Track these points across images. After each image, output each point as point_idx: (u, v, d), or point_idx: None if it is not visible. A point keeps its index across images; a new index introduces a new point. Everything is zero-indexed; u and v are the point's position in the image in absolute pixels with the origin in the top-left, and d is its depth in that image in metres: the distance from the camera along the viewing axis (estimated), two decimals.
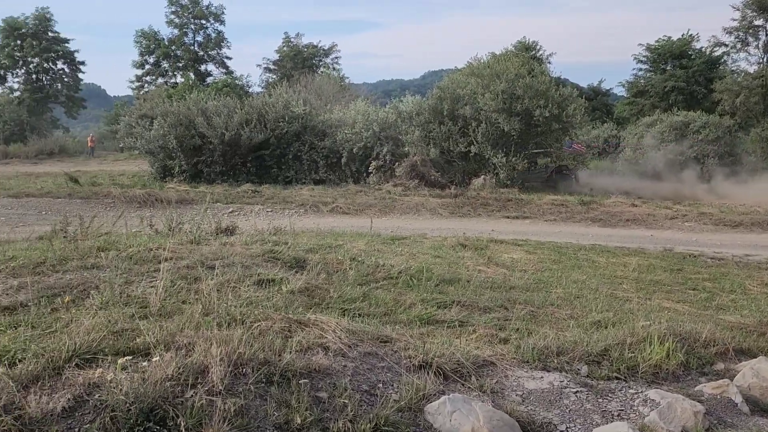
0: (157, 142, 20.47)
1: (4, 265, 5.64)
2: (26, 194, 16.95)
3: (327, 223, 13.72)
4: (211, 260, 5.98)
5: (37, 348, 3.29)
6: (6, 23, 47.75)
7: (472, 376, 3.76)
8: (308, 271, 6.01)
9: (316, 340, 3.84)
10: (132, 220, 10.76)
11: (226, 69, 52.11)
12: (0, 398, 2.76)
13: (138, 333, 3.65)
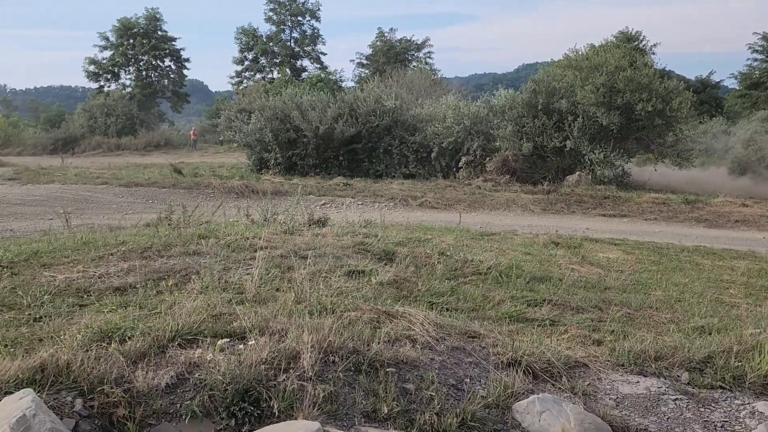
0: (254, 135, 21.24)
1: (116, 249, 6.05)
2: (135, 184, 18.04)
3: (416, 217, 13.75)
4: (303, 250, 6.14)
5: (144, 327, 3.51)
6: (120, 23, 51.10)
7: (563, 377, 3.65)
8: (397, 264, 6.05)
9: (403, 332, 3.86)
10: (230, 209, 11.24)
11: (321, 64, 53.31)
12: (112, 372, 2.97)
13: (235, 317, 3.81)
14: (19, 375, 2.87)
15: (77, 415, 2.78)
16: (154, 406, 2.89)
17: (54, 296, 4.55)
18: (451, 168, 20.30)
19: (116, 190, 17.24)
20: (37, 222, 11.69)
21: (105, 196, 16.27)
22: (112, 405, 2.85)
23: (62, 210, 11.29)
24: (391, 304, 4.51)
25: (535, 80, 19.96)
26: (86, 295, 4.65)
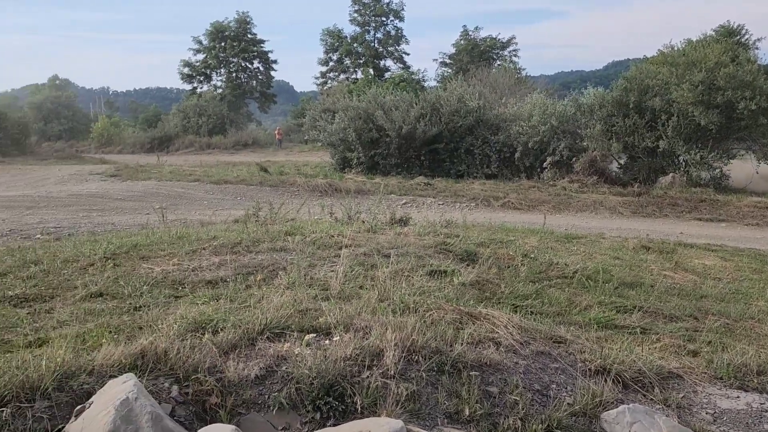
0: (338, 135, 21.60)
1: (208, 244, 6.33)
2: (225, 181, 18.77)
3: (498, 217, 13.55)
4: (386, 249, 6.19)
5: (235, 320, 3.65)
6: (213, 27, 53.35)
7: (655, 388, 3.50)
8: (479, 265, 5.99)
9: (487, 334, 3.82)
10: (314, 207, 11.48)
11: (404, 64, 53.52)
12: (205, 361, 3.10)
13: (320, 313, 3.89)
14: (122, 360, 3.05)
15: (173, 400, 2.92)
16: (243, 396, 2.99)
17: (152, 287, 4.81)
18: (535, 168, 19.86)
19: (207, 187, 18.00)
20: (135, 216, 12.38)
21: (197, 193, 17.02)
22: (205, 393, 2.98)
23: (158, 205, 11.92)
24: (474, 305, 4.47)
25: (626, 77, 19.16)
26: (181, 287, 4.89)
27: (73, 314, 4.16)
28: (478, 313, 4.16)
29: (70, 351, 3.18)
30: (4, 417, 2.60)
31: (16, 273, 5.43)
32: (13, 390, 2.72)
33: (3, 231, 9.88)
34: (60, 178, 20.45)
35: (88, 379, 2.92)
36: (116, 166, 23.48)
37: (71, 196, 15.11)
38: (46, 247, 7.08)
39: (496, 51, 50.87)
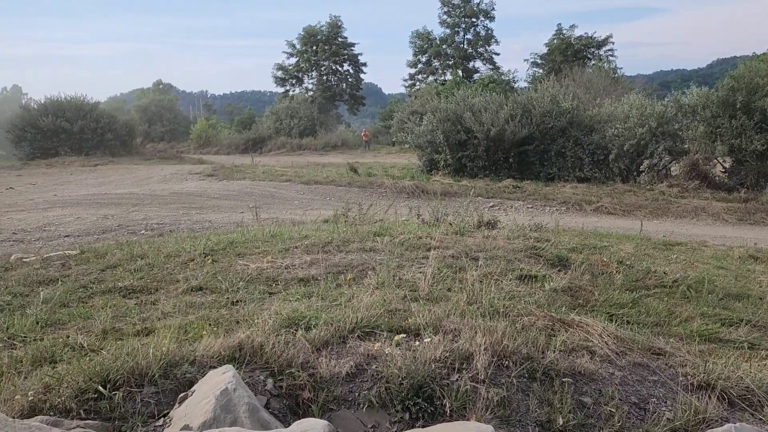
0: (426, 137, 21.60)
1: (300, 242, 6.51)
2: (315, 182, 19.25)
3: (590, 222, 13.10)
4: (474, 252, 6.14)
5: (327, 317, 3.73)
6: (305, 31, 54.89)
7: (764, 407, 3.27)
8: (572, 271, 5.81)
9: (580, 343, 3.70)
10: (401, 209, 11.54)
11: (493, 65, 52.88)
12: (299, 357, 3.19)
13: (409, 314, 3.91)
14: (222, 352, 3.19)
15: (268, 393, 3.02)
16: (335, 393, 3.06)
17: (248, 283, 5.01)
18: (631, 171, 19.05)
19: (298, 187, 18.52)
20: (231, 214, 12.91)
21: (288, 193, 17.54)
22: (299, 387, 3.07)
23: (252, 204, 12.38)
24: (566, 312, 4.35)
25: (733, 76, 18.00)
26: (275, 283, 5.06)
27: (175, 306, 4.40)
28: (571, 321, 4.04)
29: (174, 341, 3.36)
30: (116, 400, 2.79)
31: (124, 266, 5.81)
32: (125, 375, 2.91)
33: (112, 226, 10.57)
34: (162, 177, 21.66)
35: (191, 368, 3.08)
36: (213, 166, 24.59)
37: (172, 195, 15.96)
38: (150, 242, 7.52)
39: (591, 50, 49.23)
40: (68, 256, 6.55)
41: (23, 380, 2.96)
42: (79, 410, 2.72)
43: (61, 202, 14.32)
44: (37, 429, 2.44)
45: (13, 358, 3.34)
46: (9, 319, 4.19)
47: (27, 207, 13.72)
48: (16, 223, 10.90)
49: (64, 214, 12.13)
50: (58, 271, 5.75)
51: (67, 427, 2.58)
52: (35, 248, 8.03)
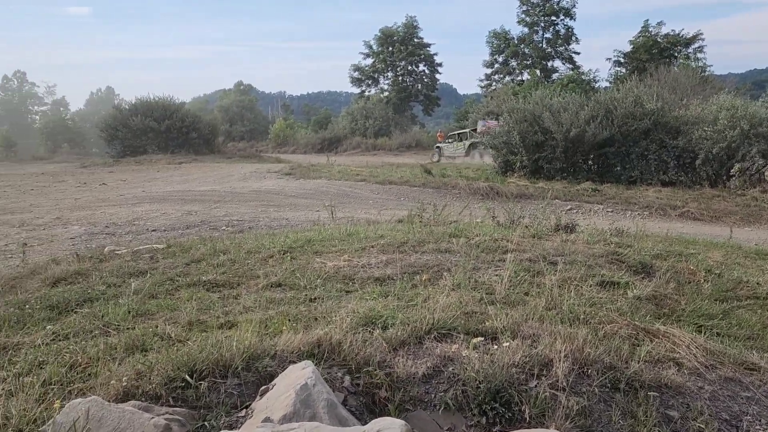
0: (502, 137, 21.30)
1: (376, 242, 6.56)
2: (389, 182, 19.35)
3: (675, 228, 12.53)
4: (552, 256, 6.00)
5: (403, 317, 3.74)
6: (382, 32, 55.30)
7: None
8: (656, 279, 5.58)
9: (666, 354, 3.55)
10: (475, 210, 11.43)
11: (573, 64, 51.49)
12: (376, 356, 3.22)
13: (486, 317, 3.86)
14: (301, 348, 3.26)
15: (346, 390, 3.06)
16: (411, 393, 3.06)
17: (325, 281, 5.09)
18: (720, 176, 18.08)
19: (372, 187, 18.68)
20: (307, 213, 13.16)
21: (363, 192, 17.72)
22: (375, 386, 3.09)
23: (328, 203, 12.59)
24: (651, 321, 4.18)
25: None
26: (351, 282, 5.12)
27: (256, 301, 4.53)
28: (656, 330, 3.88)
29: (256, 335, 3.46)
30: (202, 389, 2.90)
31: (208, 260, 6.04)
32: (210, 366, 3.02)
33: (195, 222, 11.00)
34: (242, 175, 22.36)
35: (271, 362, 3.16)
36: (290, 165, 25.18)
37: (251, 192, 16.45)
38: (232, 238, 7.78)
39: (678, 48, 47.06)
40: (156, 249, 6.87)
41: (117, 366, 3.13)
42: (168, 397, 2.85)
43: (148, 198, 15.05)
44: (131, 413, 2.57)
45: (108, 344, 3.54)
46: (104, 308, 4.44)
47: (118, 202, 14.50)
48: (108, 217, 11.54)
49: (152, 210, 12.74)
50: (147, 264, 6.04)
51: (157, 412, 2.70)
52: (126, 241, 8.47)
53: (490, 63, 53.76)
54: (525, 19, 51.72)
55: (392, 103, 54.52)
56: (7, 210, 13.66)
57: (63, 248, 8.31)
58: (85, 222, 10.98)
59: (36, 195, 17.62)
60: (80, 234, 9.62)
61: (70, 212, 12.63)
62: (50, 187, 20.17)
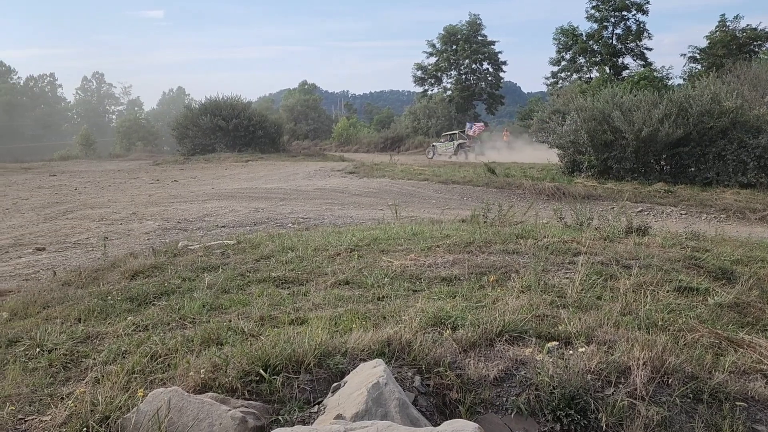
0: (569, 137, 20.79)
1: (441, 242, 6.52)
2: (452, 181, 19.23)
3: (756, 232, 11.91)
4: (626, 259, 5.81)
5: (473, 318, 3.70)
6: (446, 30, 55.00)
7: None
8: (738, 285, 5.31)
9: (753, 365, 3.37)
10: (541, 211, 11.21)
11: (645, 61, 49.68)
12: (446, 356, 3.19)
13: (558, 320, 3.78)
14: (371, 346, 3.27)
15: (416, 390, 3.05)
16: (482, 395, 3.02)
17: (392, 280, 5.10)
18: None
19: (435, 187, 18.61)
20: (370, 211, 13.24)
21: (425, 192, 17.69)
22: (446, 387, 3.07)
23: (391, 202, 12.62)
24: (734, 330, 3.98)
25: None
26: (418, 281, 5.11)
27: (325, 298, 4.59)
28: (741, 340, 3.69)
29: (326, 332, 3.50)
30: (276, 384, 2.96)
31: (277, 257, 6.16)
32: (283, 361, 3.08)
33: (262, 219, 11.24)
34: (307, 173, 22.73)
35: (342, 359, 3.19)
36: (354, 164, 25.39)
37: (316, 190, 16.69)
38: (299, 235, 7.91)
39: (758, 43, 44.67)
40: (226, 245, 7.06)
41: (195, 358, 3.23)
42: (243, 391, 2.91)
43: (217, 195, 15.50)
44: (209, 405, 2.64)
45: (185, 337, 3.66)
46: (180, 301, 4.60)
47: (189, 198, 15.00)
48: (180, 213, 11.95)
49: (220, 206, 13.11)
50: (219, 259, 6.21)
51: (233, 405, 2.77)
52: (197, 237, 8.75)
53: (557, 60, 52.50)
54: (594, 15, 50.18)
55: (455, 102, 54.14)
56: (88, 205, 14.36)
57: (139, 242, 8.66)
58: (158, 217, 11.41)
59: (113, 191, 18.45)
60: (154, 229, 10.01)
61: (144, 208, 13.15)
62: (126, 184, 21.08)
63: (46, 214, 12.95)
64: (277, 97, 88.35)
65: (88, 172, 28.30)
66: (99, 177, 24.56)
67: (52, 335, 3.95)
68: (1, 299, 5.44)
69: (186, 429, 2.55)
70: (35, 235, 9.83)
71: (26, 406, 2.97)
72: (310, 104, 63.39)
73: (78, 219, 11.81)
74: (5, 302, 5.16)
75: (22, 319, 4.58)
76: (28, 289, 5.68)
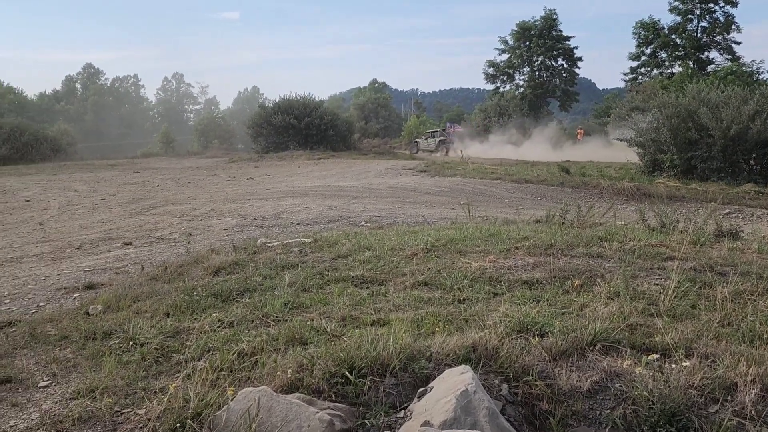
0: (650, 135, 19.95)
1: (520, 243, 6.36)
2: (525, 180, 18.84)
3: None
4: (720, 266, 5.48)
5: (561, 325, 3.56)
6: (519, 27, 53.99)
7: None
8: None
9: None
10: (620, 212, 10.78)
11: (732, 55, 47.09)
12: (536, 365, 3.08)
13: (653, 330, 3.58)
14: (456, 351, 3.20)
15: (504, 399, 2.96)
16: (574, 407, 2.89)
17: (472, 282, 5.00)
18: None
19: (508, 186, 18.28)
20: (442, 210, 13.12)
21: (498, 191, 17.40)
22: (535, 397, 2.96)
23: (463, 201, 12.47)
24: None
25: None
26: (498, 284, 4.98)
27: (405, 300, 4.54)
28: None
29: (409, 335, 3.45)
30: (361, 387, 2.93)
31: (354, 256, 6.16)
32: (368, 364, 3.05)
33: (336, 216, 11.34)
34: (378, 171, 22.81)
35: (427, 364, 3.13)
36: (425, 162, 25.29)
37: (388, 189, 16.71)
38: (374, 234, 7.91)
39: None
40: (304, 243, 7.14)
41: (281, 357, 3.25)
42: (329, 392, 2.90)
43: (291, 193, 15.78)
44: (297, 406, 2.64)
45: (269, 335, 3.70)
46: (262, 299, 4.67)
47: (264, 196, 15.34)
48: (256, 210, 12.22)
49: (295, 204, 13.33)
50: (297, 257, 6.28)
51: (320, 407, 2.76)
52: (274, 234, 8.90)
53: (637, 55, 50.53)
54: (678, 7, 47.97)
55: (527, 99, 53.09)
56: (169, 201, 14.93)
57: (218, 238, 8.90)
58: (236, 214, 11.71)
59: (192, 188, 19.12)
60: (232, 225, 10.27)
61: (222, 204, 13.54)
62: (204, 181, 21.80)
63: (132, 209, 13.55)
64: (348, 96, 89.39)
65: (168, 168, 29.47)
66: (179, 174, 25.52)
67: (144, 329, 4.09)
68: (96, 292, 5.69)
69: (275, 429, 2.56)
70: (122, 230, 10.29)
71: (122, 398, 3.07)
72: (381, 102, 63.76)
73: (161, 215, 12.29)
74: (99, 295, 5.40)
75: (114, 312, 4.77)
76: (119, 283, 5.92)
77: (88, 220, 11.93)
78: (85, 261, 7.62)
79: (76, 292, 5.79)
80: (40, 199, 16.88)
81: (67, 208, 14.37)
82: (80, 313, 4.84)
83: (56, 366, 3.70)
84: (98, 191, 18.59)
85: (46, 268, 7.27)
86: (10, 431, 2.91)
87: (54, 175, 25.94)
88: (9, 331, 4.59)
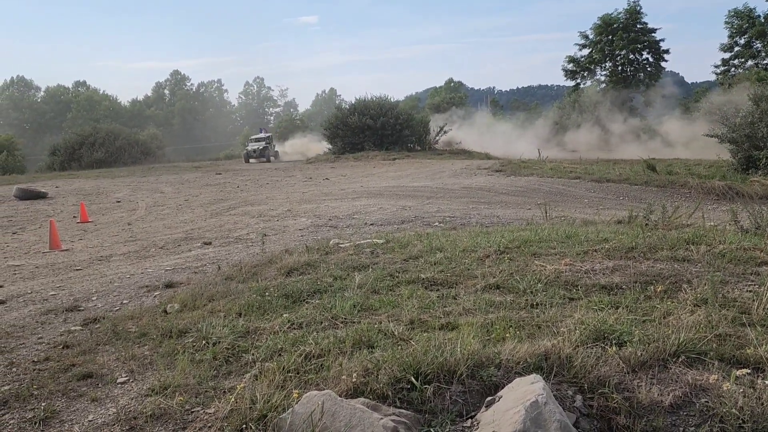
0: (744, 130, 18.77)
1: (599, 246, 6.09)
2: (606, 179, 18.14)
3: None
4: None
5: (641, 334, 3.36)
6: (601, 20, 52.13)
7: None
8: None
9: None
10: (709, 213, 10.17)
11: None
12: (612, 376, 2.91)
13: (744, 342, 3.32)
14: (527, 359, 3.07)
15: (577, 411, 2.81)
16: (654, 423, 2.71)
17: (546, 286, 4.81)
18: None
19: (587, 185, 17.66)
20: (518, 211, 12.82)
21: (577, 191, 16.84)
22: (612, 410, 2.79)
23: (540, 201, 12.13)
24: None
25: None
26: (574, 288, 4.77)
27: (475, 303, 4.43)
28: None
29: (478, 340, 3.35)
30: (427, 394, 2.86)
31: (425, 257, 6.09)
32: (434, 370, 2.97)
33: (409, 217, 11.30)
34: (453, 171, 22.61)
35: (496, 372, 3.02)
36: (501, 162, 24.87)
37: (462, 189, 16.52)
38: (446, 235, 7.81)
39: None
40: (376, 244, 7.13)
41: (347, 361, 3.22)
42: (394, 398, 2.85)
43: (366, 193, 15.87)
44: (361, 411, 2.60)
45: (336, 337, 3.69)
46: (332, 300, 4.68)
47: (339, 196, 15.52)
48: (331, 211, 12.37)
49: (369, 204, 13.39)
50: (368, 258, 6.28)
51: (385, 413, 2.71)
52: (347, 234, 8.96)
53: (729, 46, 47.66)
54: None
55: (609, 95, 51.15)
56: (248, 202, 15.38)
57: (293, 239, 9.05)
58: (311, 214, 11.89)
59: (270, 188, 19.61)
60: (307, 225, 10.43)
61: (298, 205, 13.80)
62: (282, 182, 22.33)
63: (213, 210, 14.05)
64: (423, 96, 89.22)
65: (248, 170, 30.40)
66: (258, 175, 26.26)
67: (216, 328, 4.19)
68: (174, 290, 5.90)
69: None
70: (203, 230, 10.67)
71: (193, 397, 3.14)
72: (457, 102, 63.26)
73: (239, 215, 12.66)
74: (177, 294, 5.59)
75: (190, 310, 4.92)
76: (196, 282, 6.11)
77: (172, 221, 12.46)
78: (167, 260, 7.93)
79: (156, 291, 6.03)
80: (129, 200, 17.81)
81: (154, 209, 15.08)
82: (159, 311, 5.03)
83: (134, 363, 3.84)
84: (182, 192, 19.40)
85: (131, 267, 7.62)
86: (88, 426, 3.03)
87: (143, 177, 27.33)
88: (94, 327, 4.83)
